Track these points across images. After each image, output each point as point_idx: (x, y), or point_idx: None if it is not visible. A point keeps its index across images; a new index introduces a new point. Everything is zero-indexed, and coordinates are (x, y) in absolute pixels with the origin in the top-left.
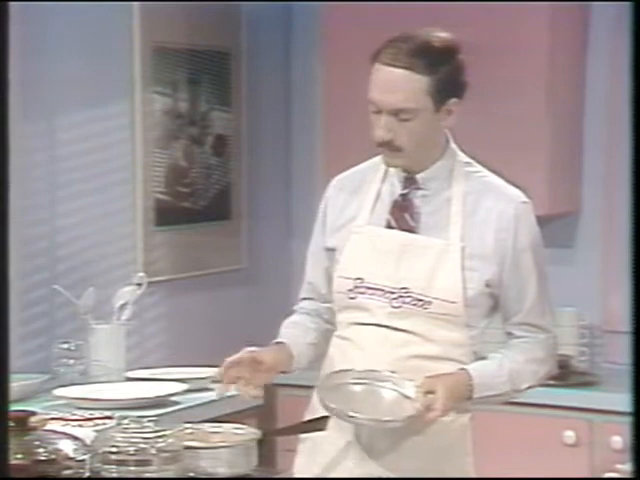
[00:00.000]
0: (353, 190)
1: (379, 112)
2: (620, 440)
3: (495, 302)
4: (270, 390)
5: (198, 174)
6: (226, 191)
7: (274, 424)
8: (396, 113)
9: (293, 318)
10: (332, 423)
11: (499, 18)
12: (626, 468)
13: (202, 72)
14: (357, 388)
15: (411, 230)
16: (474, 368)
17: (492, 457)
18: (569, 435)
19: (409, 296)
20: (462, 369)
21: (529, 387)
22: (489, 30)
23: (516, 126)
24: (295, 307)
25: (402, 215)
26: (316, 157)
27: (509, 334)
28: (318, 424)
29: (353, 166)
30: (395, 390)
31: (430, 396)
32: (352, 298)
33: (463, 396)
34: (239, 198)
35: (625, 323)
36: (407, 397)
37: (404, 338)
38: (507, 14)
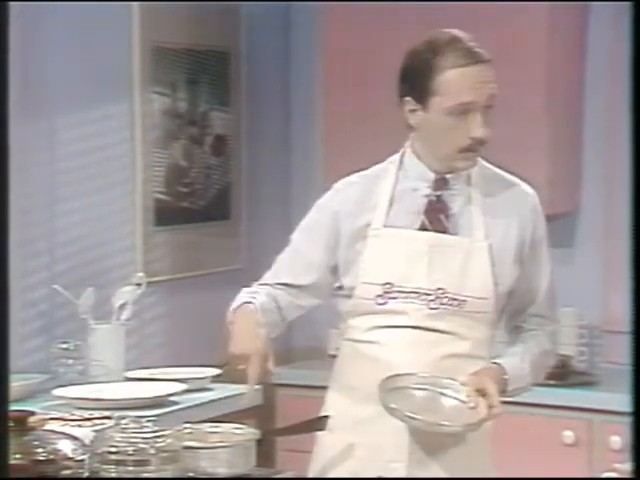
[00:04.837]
0: (362, 198)
1: (467, 113)
2: (619, 440)
3: (508, 298)
4: (270, 390)
5: (198, 174)
6: (226, 191)
7: (273, 424)
8: (488, 107)
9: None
10: (337, 422)
11: (498, 17)
12: (625, 468)
13: (201, 72)
14: (418, 393)
15: (445, 231)
16: (504, 362)
17: (491, 457)
18: (568, 435)
19: (445, 297)
20: (495, 363)
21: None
22: (488, 29)
23: (515, 126)
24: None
25: (437, 216)
26: (316, 157)
27: (518, 327)
28: (318, 424)
29: (353, 166)
30: (456, 398)
31: (479, 394)
32: (381, 304)
33: (501, 390)
34: (239, 198)
35: (625, 323)
36: (466, 404)
37: (437, 338)
38: (506, 13)
